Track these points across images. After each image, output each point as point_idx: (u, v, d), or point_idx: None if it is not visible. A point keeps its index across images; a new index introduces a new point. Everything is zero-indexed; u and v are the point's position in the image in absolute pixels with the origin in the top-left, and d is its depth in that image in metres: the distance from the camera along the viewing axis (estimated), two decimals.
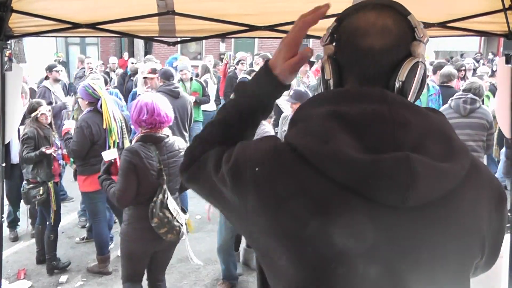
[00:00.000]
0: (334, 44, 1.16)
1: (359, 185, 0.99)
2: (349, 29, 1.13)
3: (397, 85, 1.09)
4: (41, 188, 4.75)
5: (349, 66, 1.13)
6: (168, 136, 3.45)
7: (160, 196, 3.31)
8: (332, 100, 1.08)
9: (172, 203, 3.37)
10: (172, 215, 3.33)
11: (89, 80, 5.11)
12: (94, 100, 4.70)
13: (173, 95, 5.82)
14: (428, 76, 6.06)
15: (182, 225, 3.43)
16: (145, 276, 3.73)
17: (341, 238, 1.00)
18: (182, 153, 3.11)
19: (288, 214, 1.03)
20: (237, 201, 1.12)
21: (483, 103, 5.60)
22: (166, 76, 6.23)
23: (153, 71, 6.27)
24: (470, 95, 5.23)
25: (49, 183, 4.84)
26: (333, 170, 1.00)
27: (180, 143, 3.54)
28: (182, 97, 6.09)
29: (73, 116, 6.02)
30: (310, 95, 5.63)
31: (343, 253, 1.01)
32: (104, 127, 4.66)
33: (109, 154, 3.61)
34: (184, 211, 3.61)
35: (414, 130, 1.03)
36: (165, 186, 3.34)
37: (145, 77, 6.52)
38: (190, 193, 6.16)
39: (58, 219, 4.98)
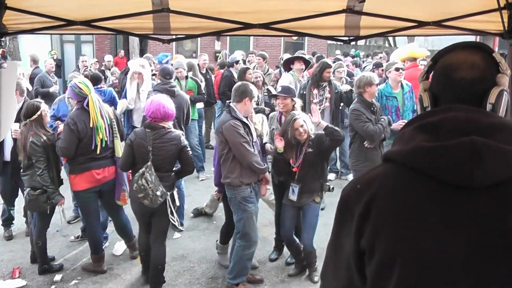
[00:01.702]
0: (429, 80, 1.38)
1: (435, 170, 1.17)
2: (444, 65, 1.35)
3: (488, 107, 1.27)
4: (52, 191, 4.67)
5: (444, 94, 1.33)
6: (164, 128, 4.37)
7: (143, 169, 4.24)
8: (420, 117, 1.31)
9: (151, 177, 4.23)
10: (148, 185, 4.20)
11: (76, 79, 5.04)
12: (81, 99, 4.66)
13: (169, 94, 5.80)
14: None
15: (156, 195, 4.24)
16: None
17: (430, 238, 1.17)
18: (173, 142, 4.34)
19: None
20: None
21: None
22: (163, 74, 6.20)
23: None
24: None
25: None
26: (413, 162, 1.21)
27: (176, 136, 4.39)
28: (179, 96, 6.06)
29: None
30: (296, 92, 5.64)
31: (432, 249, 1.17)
32: (91, 125, 4.61)
33: None
34: (169, 188, 4.42)
35: (485, 124, 1.19)
36: (149, 163, 4.25)
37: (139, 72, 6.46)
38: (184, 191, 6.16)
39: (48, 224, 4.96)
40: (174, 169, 4.53)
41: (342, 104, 7.08)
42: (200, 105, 8.40)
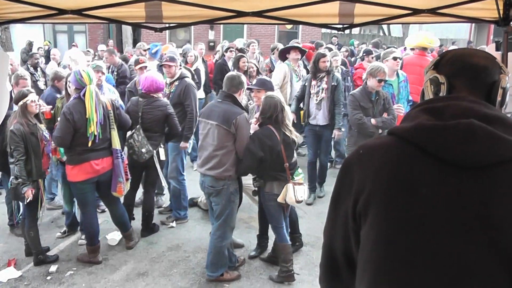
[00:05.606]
0: (436, 70, 1.48)
1: (433, 145, 1.27)
2: (457, 53, 1.50)
3: (499, 93, 1.40)
4: (31, 184, 4.64)
5: (458, 77, 1.43)
6: (153, 96, 5.27)
7: (134, 130, 5.21)
8: (427, 101, 1.43)
9: (139, 136, 5.16)
10: (134, 143, 5.14)
11: (82, 66, 5.00)
12: (80, 87, 4.61)
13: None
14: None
15: (142, 152, 5.15)
16: None
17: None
18: (160, 109, 5.25)
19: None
20: None
21: None
22: None
23: (171, 59, 6.10)
24: None
25: (39, 180, 4.75)
26: (414, 137, 1.31)
27: (163, 103, 5.31)
28: None
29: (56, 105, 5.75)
30: (273, 82, 5.60)
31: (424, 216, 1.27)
32: (87, 116, 4.57)
33: None
34: (156, 146, 5.29)
35: (483, 114, 1.29)
36: (138, 126, 5.21)
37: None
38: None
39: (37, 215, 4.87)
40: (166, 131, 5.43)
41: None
42: (199, 94, 8.34)
